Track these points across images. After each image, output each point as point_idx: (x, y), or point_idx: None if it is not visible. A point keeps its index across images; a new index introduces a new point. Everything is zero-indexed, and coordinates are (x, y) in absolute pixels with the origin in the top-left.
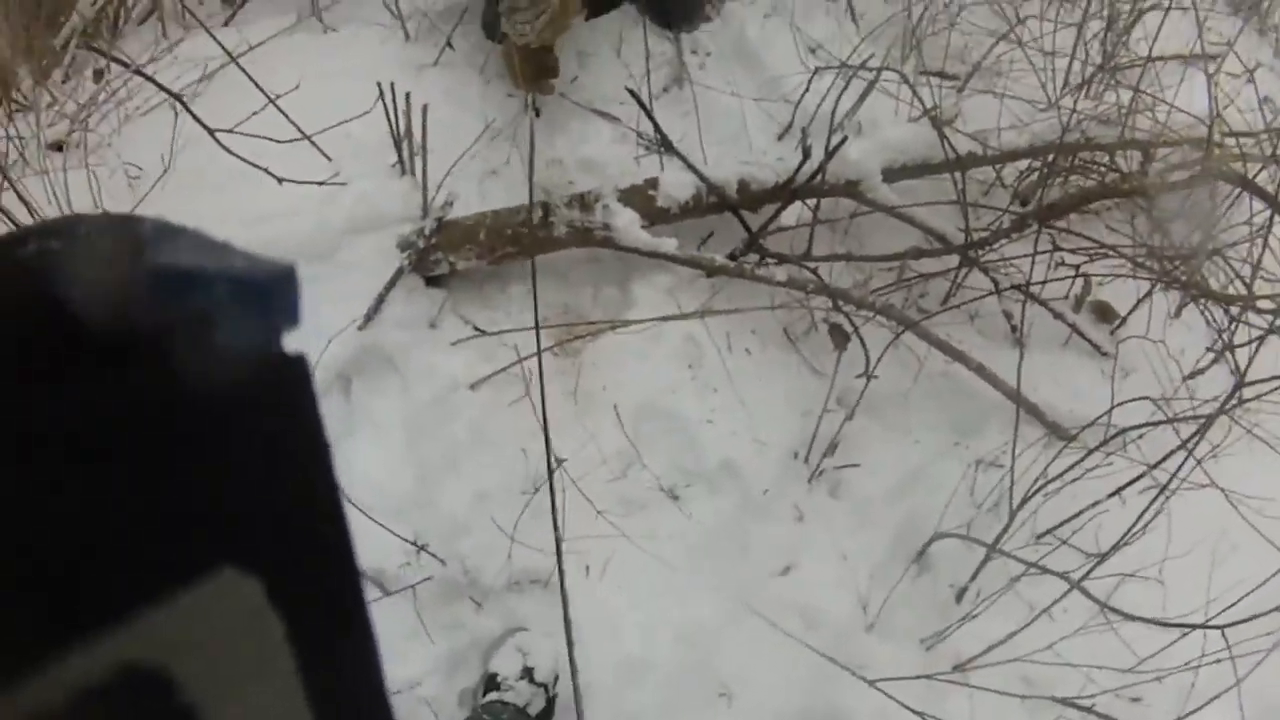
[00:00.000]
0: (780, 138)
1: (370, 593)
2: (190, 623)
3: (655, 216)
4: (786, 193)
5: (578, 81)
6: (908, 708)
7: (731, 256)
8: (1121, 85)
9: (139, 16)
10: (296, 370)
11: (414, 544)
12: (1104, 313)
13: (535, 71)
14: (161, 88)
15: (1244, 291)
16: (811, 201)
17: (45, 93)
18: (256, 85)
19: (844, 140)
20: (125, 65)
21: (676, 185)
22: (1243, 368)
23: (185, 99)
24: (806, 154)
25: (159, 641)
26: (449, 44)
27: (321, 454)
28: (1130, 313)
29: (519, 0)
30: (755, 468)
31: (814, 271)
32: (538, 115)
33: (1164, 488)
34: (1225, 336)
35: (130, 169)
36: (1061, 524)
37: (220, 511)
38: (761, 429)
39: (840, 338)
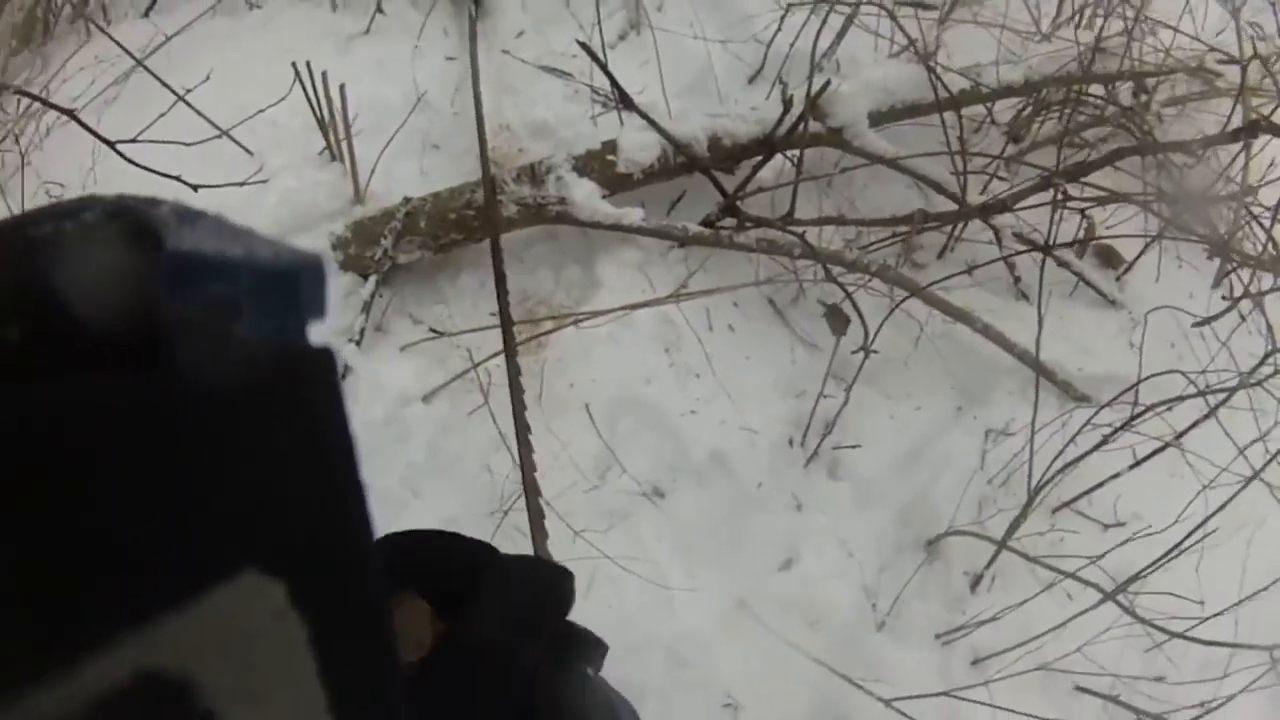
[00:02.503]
0: (751, 81)
1: None
2: (211, 628)
3: (617, 184)
4: (765, 147)
5: (524, 37)
6: None
7: (706, 223)
8: (1125, 6)
9: (69, 18)
10: (322, 364)
11: None
12: (1108, 257)
13: None
14: (49, 104)
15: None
16: (793, 156)
17: None
18: (163, 83)
19: (827, 84)
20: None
21: (639, 146)
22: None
23: (103, 103)
24: (787, 104)
25: (179, 647)
26: (379, 9)
27: (347, 451)
28: (1136, 259)
29: None
30: (746, 458)
31: (800, 236)
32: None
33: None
34: (1248, 289)
35: (51, 188)
36: (1078, 497)
37: (242, 512)
38: (751, 414)
39: (839, 321)
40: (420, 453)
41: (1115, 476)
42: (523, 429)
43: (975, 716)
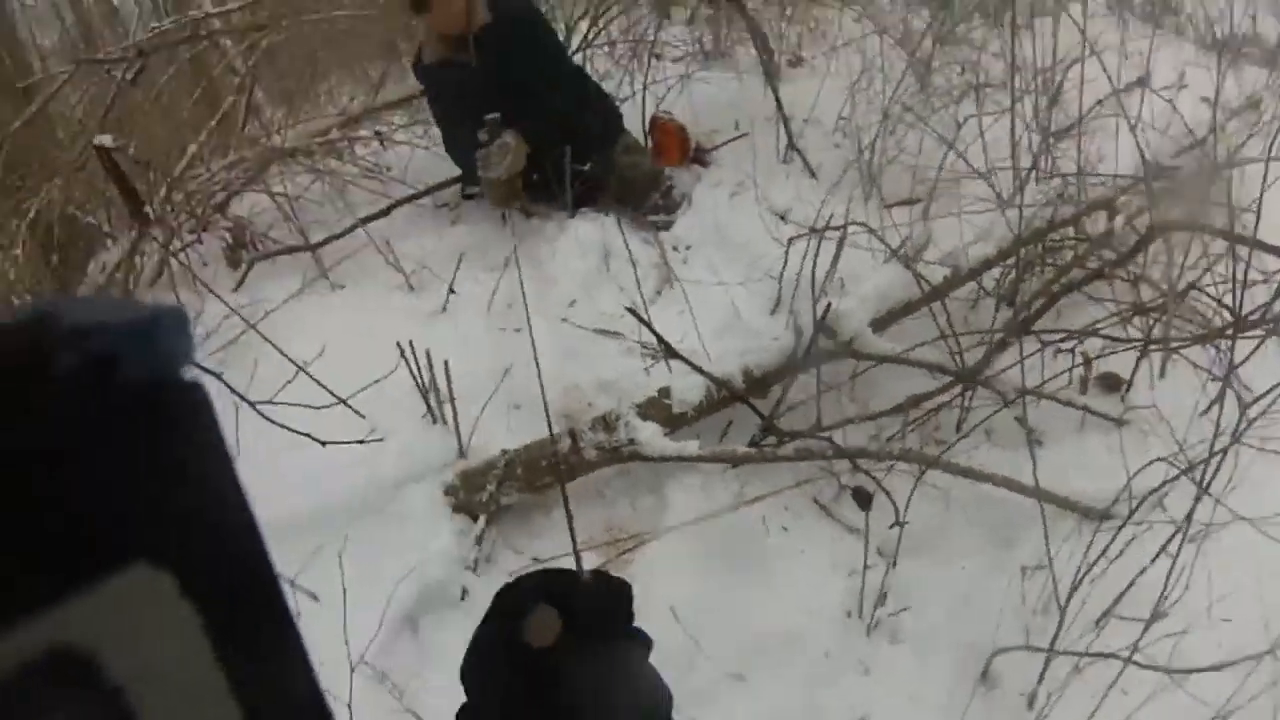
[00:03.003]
0: (773, 312)
1: None
2: (111, 611)
3: (674, 422)
4: (788, 370)
5: (577, 305)
6: None
7: (752, 443)
8: (1064, 160)
9: (148, 279)
10: (193, 393)
11: None
12: (1112, 383)
13: (507, 195)
14: (207, 371)
15: (1230, 317)
16: (813, 372)
17: None
18: (288, 357)
19: (829, 307)
20: None
21: (687, 388)
22: (1248, 386)
23: (217, 363)
24: (798, 331)
25: (85, 627)
26: (452, 289)
27: (223, 463)
28: (1133, 376)
29: (489, 151)
30: (814, 634)
31: (829, 440)
32: (521, 219)
33: (1184, 532)
34: (1223, 363)
35: None
36: (1114, 603)
37: (129, 512)
38: (812, 597)
39: (863, 499)
40: None
41: (1142, 573)
42: None
43: None
